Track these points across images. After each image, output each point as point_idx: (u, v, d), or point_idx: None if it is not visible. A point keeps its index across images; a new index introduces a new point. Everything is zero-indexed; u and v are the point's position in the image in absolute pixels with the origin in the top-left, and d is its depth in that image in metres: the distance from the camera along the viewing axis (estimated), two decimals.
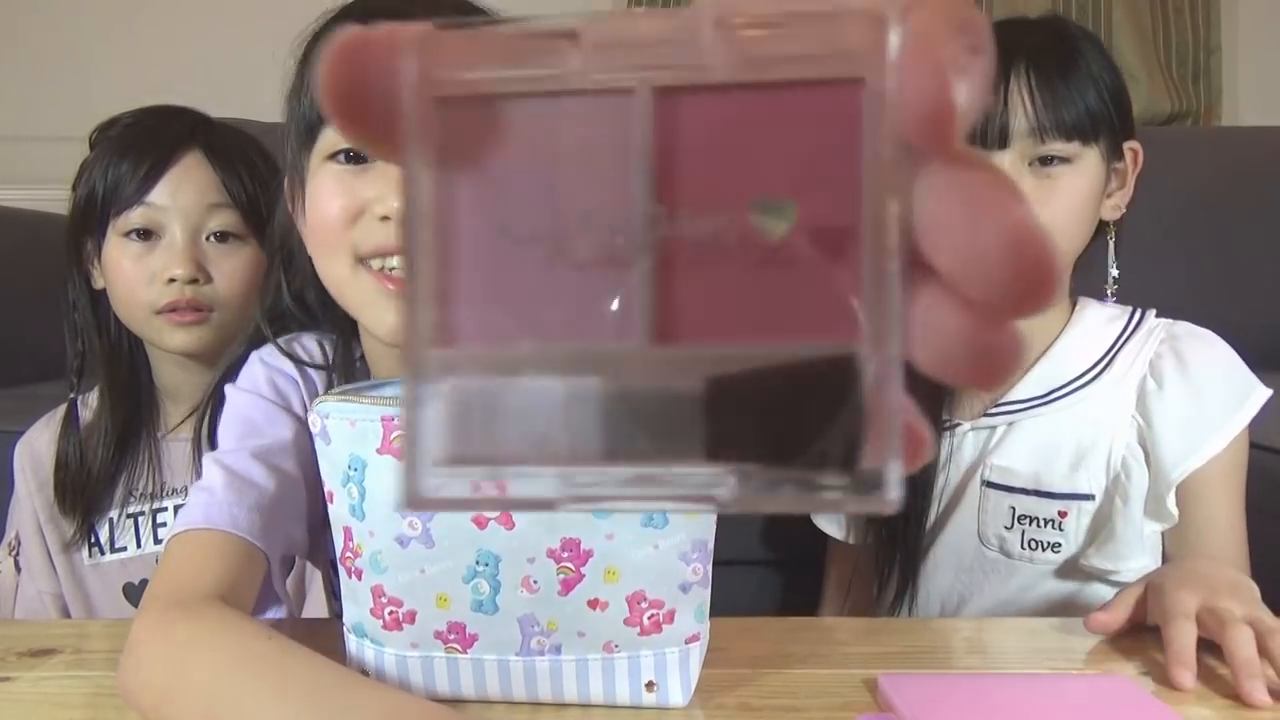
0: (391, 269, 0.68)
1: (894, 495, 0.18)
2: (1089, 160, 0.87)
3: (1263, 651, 0.60)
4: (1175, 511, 0.85)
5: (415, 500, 0.19)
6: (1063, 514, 0.88)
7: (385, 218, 0.67)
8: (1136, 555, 0.85)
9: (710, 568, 0.57)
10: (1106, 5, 1.99)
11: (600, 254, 0.19)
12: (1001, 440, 0.92)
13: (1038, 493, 0.89)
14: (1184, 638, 0.62)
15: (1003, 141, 0.86)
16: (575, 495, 0.19)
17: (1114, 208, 0.92)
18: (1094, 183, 0.88)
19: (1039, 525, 0.89)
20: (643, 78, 0.19)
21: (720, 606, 0.60)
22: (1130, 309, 0.94)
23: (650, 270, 0.19)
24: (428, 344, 0.19)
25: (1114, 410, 0.89)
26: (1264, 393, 0.87)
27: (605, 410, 0.19)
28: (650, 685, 0.57)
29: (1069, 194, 0.86)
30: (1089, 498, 0.88)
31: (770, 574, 1.25)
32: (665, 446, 0.19)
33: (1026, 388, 0.92)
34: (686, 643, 0.57)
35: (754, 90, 0.18)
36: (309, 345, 0.79)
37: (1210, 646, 0.62)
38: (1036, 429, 0.90)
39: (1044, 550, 0.89)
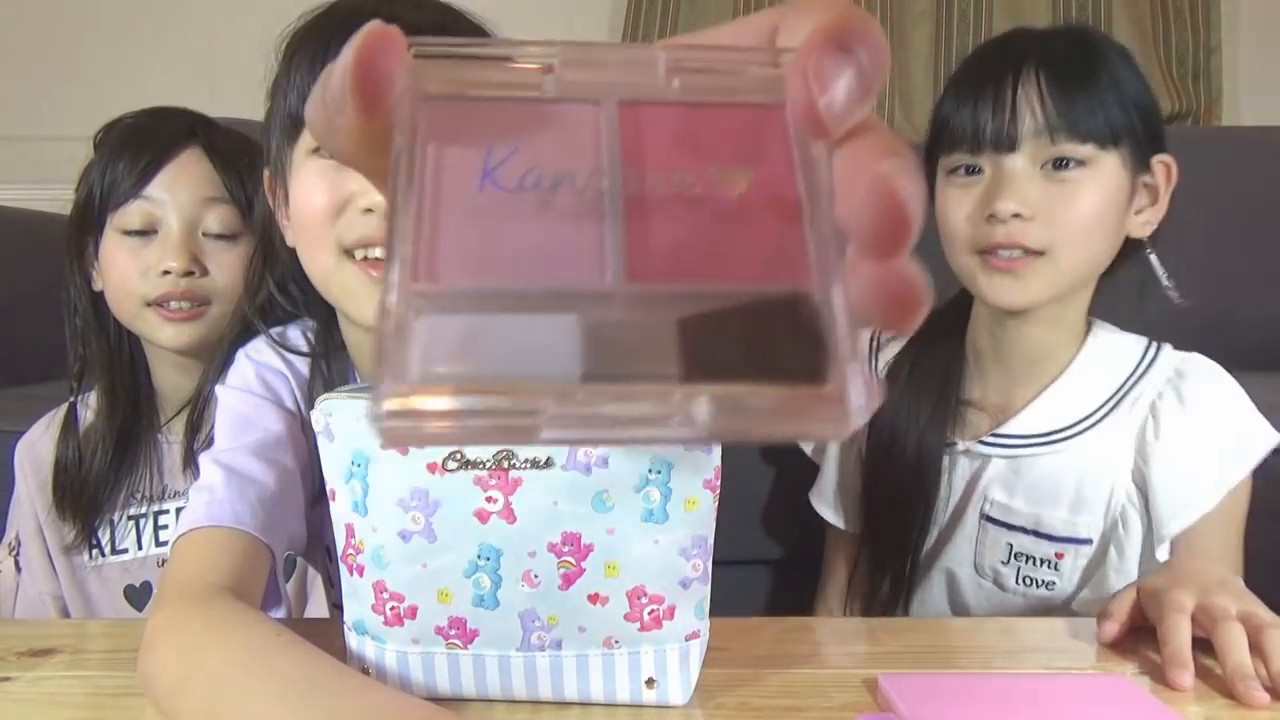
0: (376, 258, 0.69)
1: (856, 409, 0.19)
2: (1107, 166, 0.84)
3: (1255, 648, 0.60)
4: (1165, 559, 0.85)
5: (385, 420, 0.19)
6: (1059, 555, 0.88)
7: (369, 210, 0.68)
8: None
9: (710, 564, 0.57)
10: (1106, 5, 1.99)
11: (575, 207, 0.21)
12: (1002, 474, 0.90)
13: (1036, 533, 0.88)
14: (1180, 637, 0.62)
15: (1011, 144, 0.84)
16: (553, 417, 0.19)
17: (1144, 224, 0.88)
18: (1113, 191, 0.84)
19: (1035, 564, 0.88)
20: (610, 94, 0.22)
21: (720, 606, 0.60)
22: (1147, 342, 0.92)
23: (621, 220, 0.21)
24: (409, 278, 0.20)
25: (1116, 450, 0.87)
26: (1270, 438, 0.84)
27: (583, 341, 0.20)
28: (650, 682, 0.57)
29: (1084, 199, 0.83)
30: (1087, 542, 0.87)
31: (770, 574, 1.25)
32: (641, 372, 0.19)
33: (1030, 421, 0.90)
34: (686, 639, 0.57)
35: (706, 106, 0.22)
36: (294, 336, 0.80)
37: (1207, 646, 0.62)
38: (1039, 466, 0.89)
39: (1038, 587, 0.89)
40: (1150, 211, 0.88)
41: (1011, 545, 0.89)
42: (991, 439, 0.91)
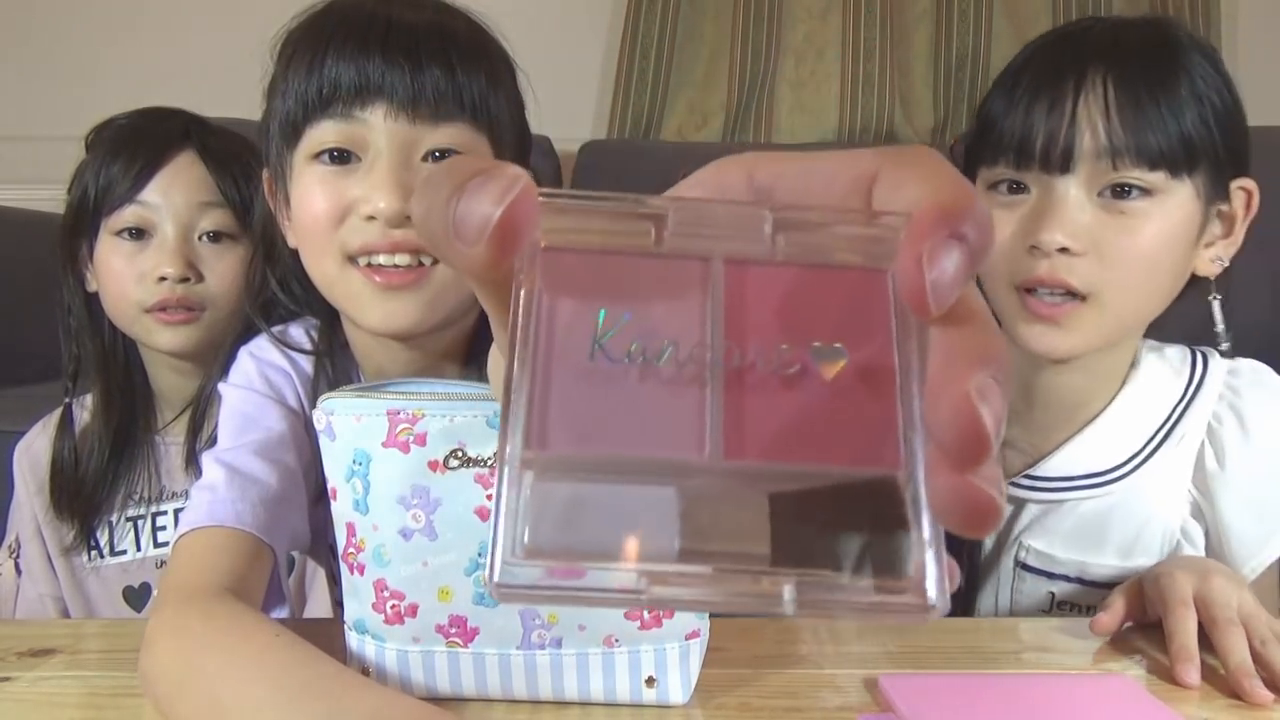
0: (379, 264, 0.69)
1: (939, 603, 0.20)
2: (1179, 197, 0.71)
3: (1257, 659, 0.60)
4: None
5: (498, 588, 0.20)
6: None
7: (371, 217, 0.68)
8: None
9: None
10: (1107, 5, 1.99)
11: (678, 379, 0.22)
12: (1039, 520, 0.80)
13: (1081, 581, 0.78)
14: (1186, 632, 0.62)
15: (1064, 165, 0.71)
16: (652, 592, 0.20)
17: (1214, 259, 0.75)
18: (1182, 226, 0.72)
19: (1082, 611, 0.78)
20: (717, 251, 0.23)
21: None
22: (1191, 356, 0.81)
23: (721, 395, 0.22)
24: (521, 445, 0.21)
25: (1170, 487, 0.77)
26: None
27: (680, 514, 0.21)
28: (650, 681, 0.57)
29: (1145, 235, 0.70)
30: None
31: None
32: (733, 551, 0.21)
33: (1069, 462, 0.79)
34: (686, 638, 0.57)
35: (808, 266, 0.23)
36: (296, 335, 0.80)
37: (1206, 644, 0.62)
38: (1080, 511, 0.78)
39: None
40: (1222, 245, 0.76)
41: (1054, 594, 0.80)
42: (1026, 481, 0.81)
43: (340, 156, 0.69)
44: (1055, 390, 0.80)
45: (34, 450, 1.06)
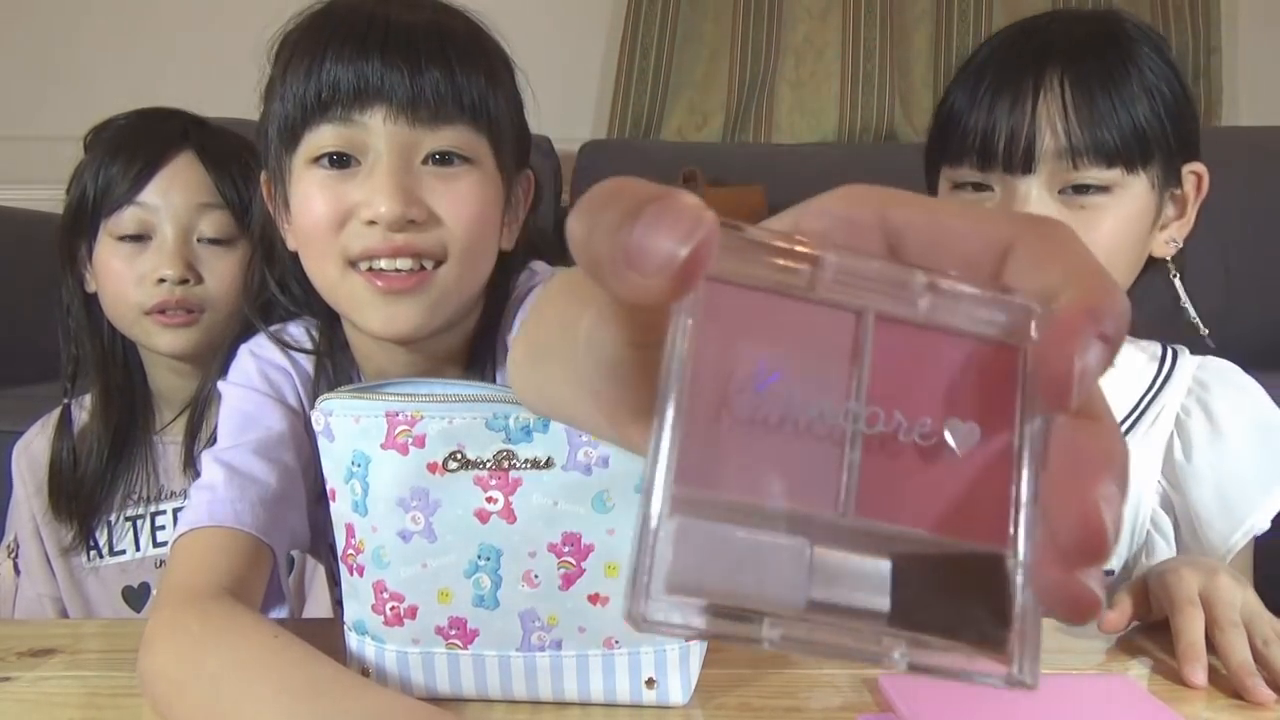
0: (380, 269, 0.69)
1: (1028, 680, 0.23)
2: (1134, 190, 0.75)
3: (1259, 659, 0.60)
4: None
5: (640, 621, 0.21)
6: None
7: (372, 222, 0.67)
8: None
9: None
10: (1107, 5, 1.99)
11: (824, 436, 0.23)
12: None
13: None
14: (1194, 631, 0.61)
15: (1027, 166, 0.74)
16: (781, 637, 0.22)
17: (1168, 242, 0.79)
18: (1139, 216, 0.75)
19: None
20: (870, 305, 0.24)
21: None
22: (1162, 350, 0.84)
23: (860, 456, 0.23)
24: (673, 480, 0.22)
25: (1140, 474, 0.80)
26: None
27: (810, 566, 0.22)
28: (650, 682, 0.57)
29: (1106, 231, 0.74)
30: (1109, 573, 0.81)
31: None
32: (856, 607, 0.22)
33: None
34: (687, 640, 0.57)
35: (945, 332, 0.24)
36: (296, 333, 0.80)
37: (1210, 644, 0.62)
38: None
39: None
40: (1175, 227, 0.80)
41: None
42: None
43: (339, 160, 0.69)
44: None
45: (33, 450, 1.06)
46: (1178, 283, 0.81)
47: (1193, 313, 0.82)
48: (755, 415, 0.23)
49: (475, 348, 0.78)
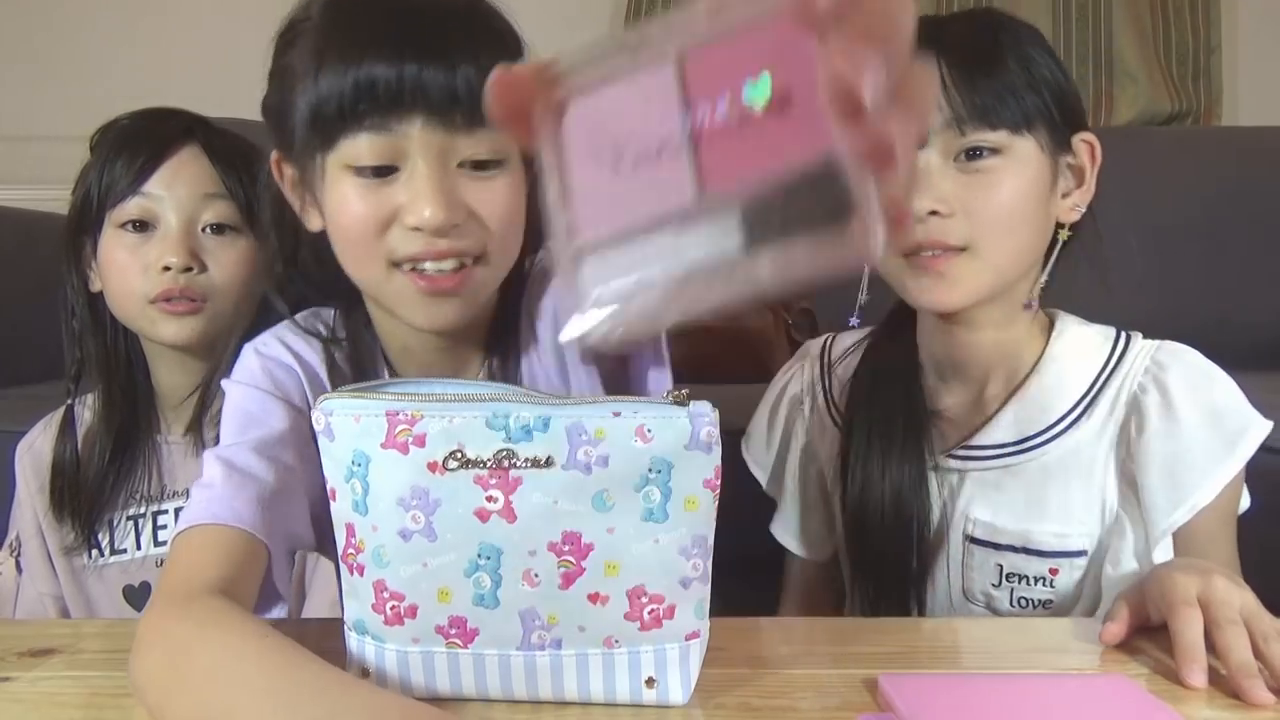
0: (424, 269, 0.70)
1: (875, 244, 0.30)
2: (1023, 151, 0.80)
3: (1259, 657, 0.60)
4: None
5: (580, 341, 0.34)
6: (1054, 571, 0.84)
7: (416, 228, 0.68)
8: None
9: (710, 564, 0.57)
10: (1106, 5, 1.99)
11: (666, 156, 0.33)
12: (982, 491, 0.86)
13: (1026, 550, 0.84)
14: (1192, 632, 0.61)
15: (920, 141, 0.78)
16: (680, 278, 0.33)
17: (1072, 208, 0.85)
18: (1033, 176, 0.81)
19: (1029, 583, 0.85)
20: (673, 51, 0.34)
21: (720, 607, 0.60)
22: (1116, 332, 0.88)
23: (690, 154, 0.32)
24: (567, 240, 0.34)
25: (1100, 451, 0.84)
26: (1261, 428, 0.81)
27: (681, 240, 0.32)
28: (650, 682, 0.57)
29: (1003, 188, 0.80)
30: (1080, 554, 0.83)
31: (770, 574, 1.25)
32: (721, 256, 0.32)
33: (1003, 430, 0.85)
34: (686, 639, 0.57)
35: (734, 31, 0.35)
36: (309, 324, 0.80)
37: (1210, 645, 0.62)
38: (1020, 479, 0.85)
39: (1034, 607, 0.85)
40: (1078, 194, 0.85)
41: (1002, 566, 0.85)
42: (963, 452, 0.87)
43: (380, 170, 0.69)
44: (972, 351, 0.88)
45: (36, 449, 1.06)
46: (1056, 251, 0.86)
47: (1043, 279, 0.86)
48: (607, 169, 0.33)
49: (493, 324, 0.80)
